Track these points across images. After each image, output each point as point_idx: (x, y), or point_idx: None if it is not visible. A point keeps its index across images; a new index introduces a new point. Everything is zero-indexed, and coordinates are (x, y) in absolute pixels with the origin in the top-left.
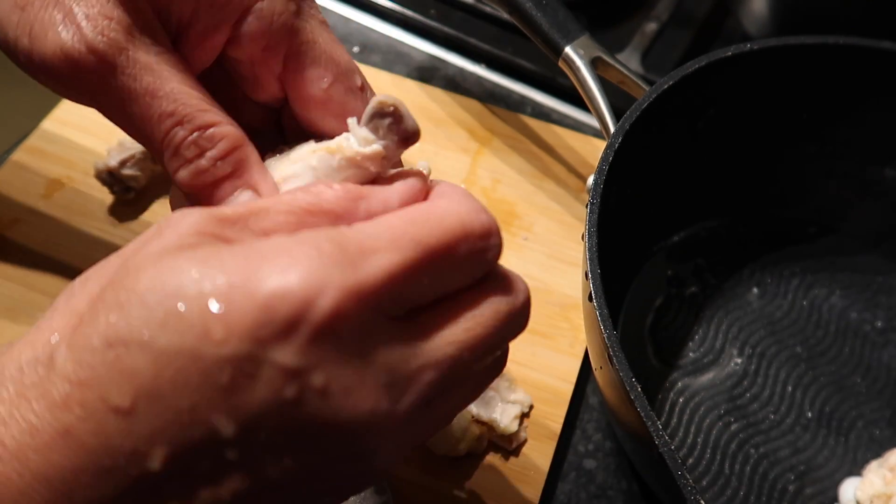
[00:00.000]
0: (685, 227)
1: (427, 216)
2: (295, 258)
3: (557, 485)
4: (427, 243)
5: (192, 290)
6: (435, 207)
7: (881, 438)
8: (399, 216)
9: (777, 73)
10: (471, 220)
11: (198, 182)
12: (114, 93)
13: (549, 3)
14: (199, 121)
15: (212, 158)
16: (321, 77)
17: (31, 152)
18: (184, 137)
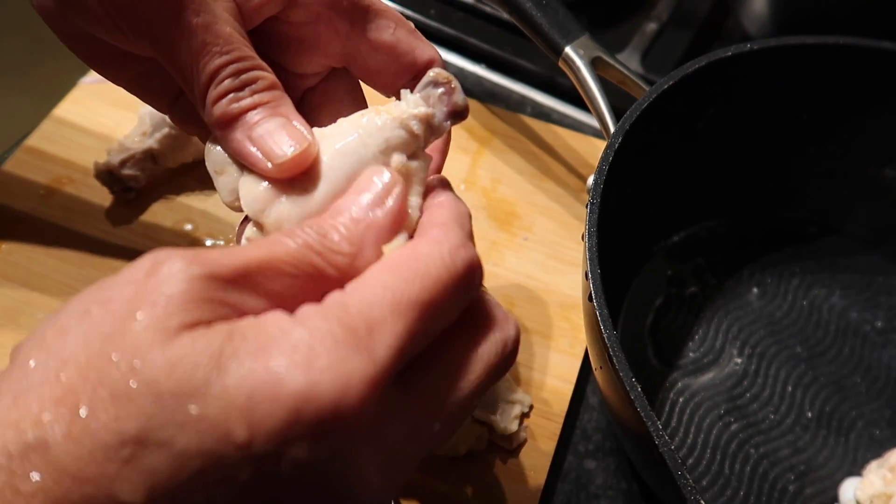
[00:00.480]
0: (685, 227)
1: (416, 270)
2: (314, 353)
3: (557, 485)
4: (422, 301)
5: (211, 390)
6: (422, 255)
7: (881, 438)
8: (392, 272)
9: (777, 73)
10: (454, 261)
11: (233, 109)
12: (175, 26)
13: (549, 3)
14: (246, 62)
15: (250, 90)
16: (388, 25)
17: (31, 152)
18: (230, 73)
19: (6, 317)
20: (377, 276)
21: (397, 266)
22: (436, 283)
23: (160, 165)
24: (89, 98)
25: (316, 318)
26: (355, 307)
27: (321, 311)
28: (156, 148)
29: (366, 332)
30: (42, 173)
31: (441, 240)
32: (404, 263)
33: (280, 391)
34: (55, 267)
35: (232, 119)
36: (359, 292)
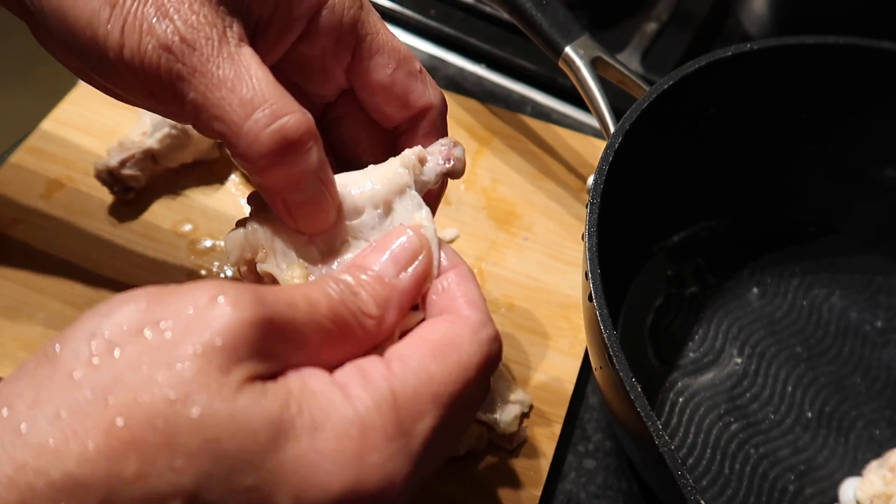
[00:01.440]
0: (685, 227)
1: (459, 362)
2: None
3: (557, 485)
4: (460, 394)
5: (267, 464)
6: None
7: (881, 438)
8: (435, 360)
9: (777, 73)
10: (490, 352)
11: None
12: (199, 81)
13: (549, 3)
14: (279, 107)
15: (293, 150)
16: (386, 64)
17: (31, 152)
18: (266, 124)
19: (6, 317)
20: (422, 359)
21: (441, 354)
22: (474, 377)
23: (160, 165)
24: (89, 98)
25: (367, 401)
26: (403, 397)
27: (372, 394)
28: (156, 148)
29: (410, 425)
30: (42, 173)
31: (477, 326)
32: (448, 352)
33: (331, 481)
34: (55, 267)
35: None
36: (405, 379)
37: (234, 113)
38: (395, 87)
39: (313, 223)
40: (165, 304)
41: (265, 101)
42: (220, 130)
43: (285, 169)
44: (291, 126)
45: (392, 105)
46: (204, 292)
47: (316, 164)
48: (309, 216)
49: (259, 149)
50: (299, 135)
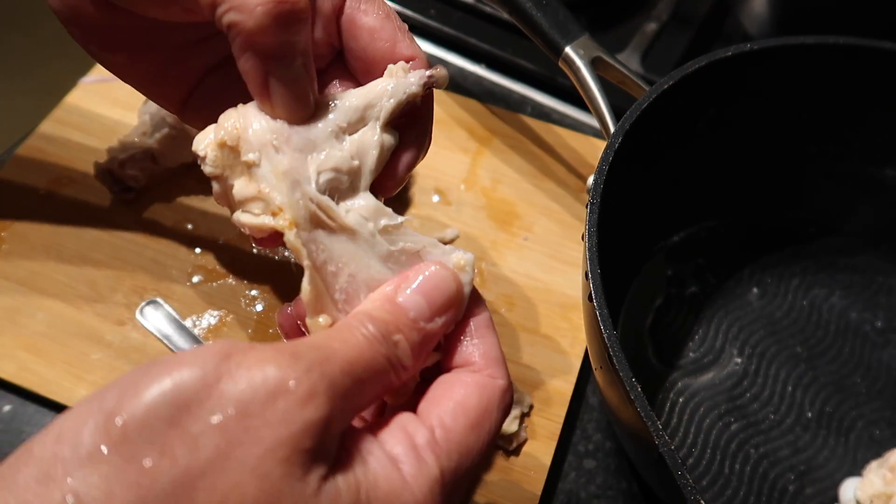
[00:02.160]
0: (685, 227)
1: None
2: None
3: (557, 485)
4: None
5: None
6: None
7: (881, 438)
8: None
9: (777, 73)
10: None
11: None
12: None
13: (549, 3)
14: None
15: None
16: (376, 10)
17: (31, 152)
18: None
19: (6, 317)
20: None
21: (478, 425)
22: (496, 436)
23: (160, 165)
24: (89, 98)
25: (423, 486)
26: (449, 475)
27: (425, 476)
28: (156, 148)
29: (451, 497)
30: (42, 173)
31: (506, 393)
32: (482, 422)
33: None
34: (55, 267)
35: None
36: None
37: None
38: (382, 32)
39: (291, 105)
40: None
41: None
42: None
43: (279, 33)
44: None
45: (378, 51)
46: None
47: (304, 44)
48: (288, 97)
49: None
50: (299, 5)
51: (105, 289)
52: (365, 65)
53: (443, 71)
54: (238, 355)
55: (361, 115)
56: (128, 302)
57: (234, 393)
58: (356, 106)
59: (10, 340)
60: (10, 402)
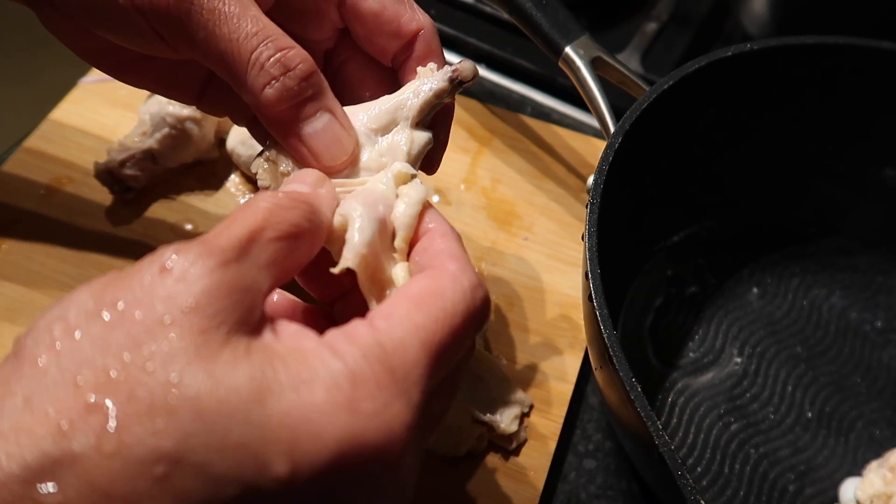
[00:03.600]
0: (685, 227)
1: (444, 309)
2: (359, 396)
3: (557, 485)
4: (449, 342)
5: (253, 418)
6: (447, 294)
7: (881, 438)
8: (420, 310)
9: (777, 73)
10: (475, 300)
11: (285, 100)
12: (205, 17)
13: (549, 3)
14: (281, 42)
15: (296, 78)
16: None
17: (31, 152)
18: (270, 55)
19: (6, 317)
20: (406, 312)
21: (425, 304)
22: (461, 324)
23: (160, 165)
24: (89, 98)
25: (355, 355)
26: (391, 347)
27: (359, 347)
28: (156, 148)
29: (403, 376)
30: (42, 173)
31: (460, 277)
32: (431, 301)
33: (325, 432)
34: (55, 267)
35: (283, 110)
36: (392, 332)
37: (242, 45)
38: (385, 13)
39: (331, 154)
40: (119, 286)
41: (268, 37)
42: (227, 63)
43: (291, 98)
44: (293, 56)
45: (385, 33)
46: (150, 265)
47: (320, 92)
48: (325, 147)
49: (264, 79)
50: (302, 64)
51: None
52: (375, 48)
53: (467, 63)
54: None
55: (393, 117)
56: None
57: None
58: (386, 109)
59: (10, 340)
60: None
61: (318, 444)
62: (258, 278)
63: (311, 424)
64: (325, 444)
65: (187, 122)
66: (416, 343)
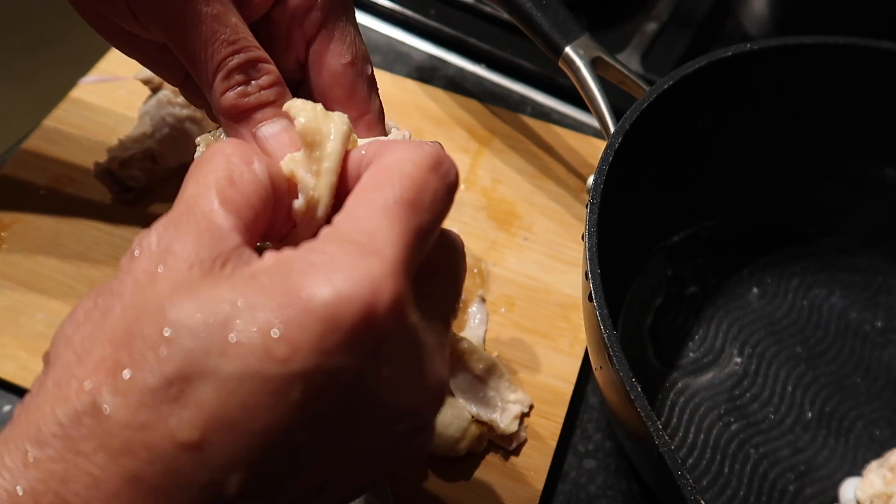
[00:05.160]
0: (685, 227)
1: (391, 177)
2: (331, 268)
3: (557, 485)
4: (407, 198)
5: (242, 318)
6: (390, 164)
7: (881, 438)
8: (369, 190)
9: (777, 73)
10: (423, 156)
11: (242, 104)
12: (188, 13)
13: (549, 3)
14: (252, 53)
15: (257, 86)
16: (343, 54)
17: (31, 152)
18: (238, 64)
19: (6, 317)
20: (357, 198)
21: (371, 184)
22: (414, 179)
23: (160, 165)
24: (89, 98)
25: (321, 244)
26: (349, 226)
27: (323, 238)
28: (156, 148)
29: (367, 240)
30: (42, 173)
31: (397, 150)
32: (376, 178)
33: (310, 305)
34: (55, 267)
35: (239, 114)
36: (348, 216)
37: (215, 50)
38: (343, 78)
39: (282, 156)
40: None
41: (242, 48)
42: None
43: (251, 104)
44: (262, 67)
45: (334, 95)
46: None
47: (281, 100)
48: (277, 149)
49: (229, 84)
50: (267, 76)
51: None
52: (324, 100)
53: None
54: None
55: None
56: None
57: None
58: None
59: (10, 340)
60: (10, 403)
61: (306, 318)
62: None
63: (297, 304)
64: (312, 315)
65: (187, 122)
66: (373, 213)
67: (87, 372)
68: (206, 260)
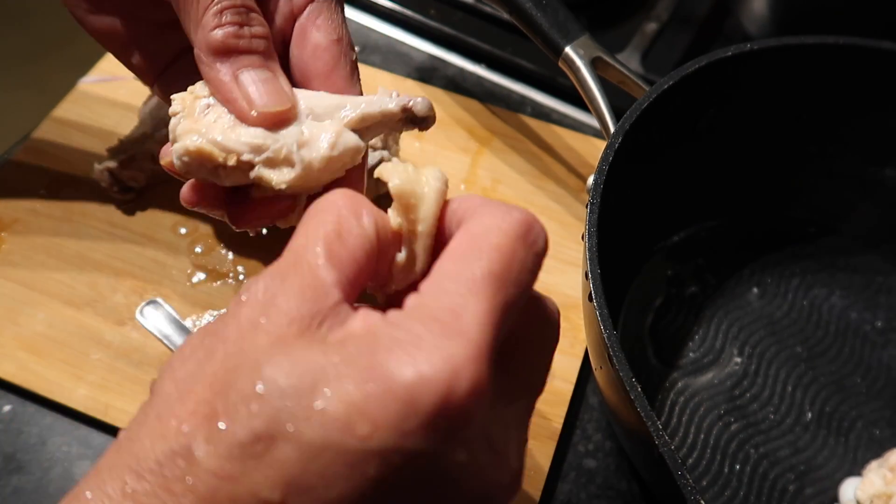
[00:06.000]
0: (685, 227)
1: (478, 247)
2: (414, 348)
3: (557, 485)
4: (495, 271)
5: (330, 387)
6: (478, 234)
7: (881, 438)
8: (456, 260)
9: (777, 73)
10: (511, 224)
11: (231, 43)
12: None
13: (549, 3)
14: (248, 2)
15: (249, 32)
16: (328, 30)
17: (31, 152)
18: (232, 4)
19: (6, 317)
20: (444, 268)
21: (459, 253)
22: (501, 250)
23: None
24: (89, 98)
25: (407, 320)
26: (434, 300)
27: (408, 313)
28: (156, 148)
29: (452, 318)
30: (42, 173)
31: (487, 215)
32: (465, 247)
33: (392, 385)
34: (55, 267)
35: (227, 51)
36: (435, 288)
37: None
38: (326, 53)
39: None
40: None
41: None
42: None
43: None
44: (254, 17)
45: (315, 69)
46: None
47: (267, 54)
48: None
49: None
50: (259, 27)
51: (105, 289)
52: (301, 76)
53: (425, 101)
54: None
55: (333, 111)
56: (128, 302)
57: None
58: (330, 101)
59: (10, 340)
60: (9, 402)
61: (388, 397)
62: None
63: (379, 384)
64: (393, 396)
65: None
66: (458, 286)
67: (186, 414)
68: (305, 317)
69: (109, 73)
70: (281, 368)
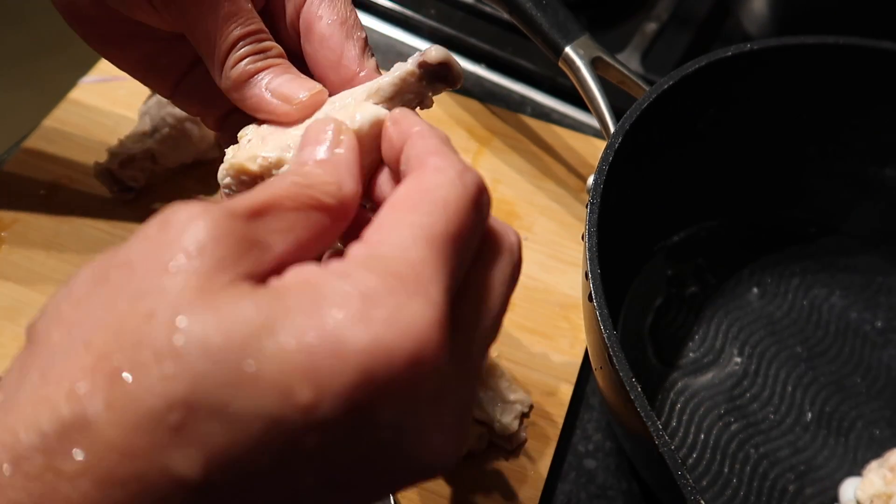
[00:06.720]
0: (685, 227)
1: (435, 201)
2: (370, 304)
3: (557, 485)
4: (451, 231)
5: (266, 347)
6: (433, 186)
7: (881, 438)
8: (411, 210)
9: (777, 73)
10: (465, 185)
11: (251, 68)
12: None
13: (549, 3)
14: (262, 34)
15: (264, 56)
16: (329, 14)
17: (31, 152)
18: (249, 42)
19: (6, 317)
20: (396, 216)
21: (413, 202)
22: (457, 210)
23: (160, 165)
24: (89, 98)
25: (358, 271)
26: (392, 252)
27: (359, 263)
28: (156, 148)
29: (412, 277)
30: (42, 173)
31: (444, 167)
32: (419, 198)
33: (343, 349)
34: (55, 267)
35: (248, 76)
36: (387, 238)
37: (228, 36)
38: (331, 41)
39: (298, 93)
40: (123, 249)
41: (253, 34)
42: (209, 45)
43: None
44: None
45: (325, 58)
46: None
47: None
48: (292, 90)
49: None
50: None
51: None
52: (315, 67)
53: (439, 48)
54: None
55: (356, 96)
56: None
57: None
58: (352, 92)
59: (10, 340)
60: None
61: (339, 363)
62: (270, 238)
63: (326, 345)
64: (346, 362)
65: (187, 122)
66: (415, 241)
67: (80, 371)
68: (236, 275)
69: (109, 73)
70: (204, 320)
